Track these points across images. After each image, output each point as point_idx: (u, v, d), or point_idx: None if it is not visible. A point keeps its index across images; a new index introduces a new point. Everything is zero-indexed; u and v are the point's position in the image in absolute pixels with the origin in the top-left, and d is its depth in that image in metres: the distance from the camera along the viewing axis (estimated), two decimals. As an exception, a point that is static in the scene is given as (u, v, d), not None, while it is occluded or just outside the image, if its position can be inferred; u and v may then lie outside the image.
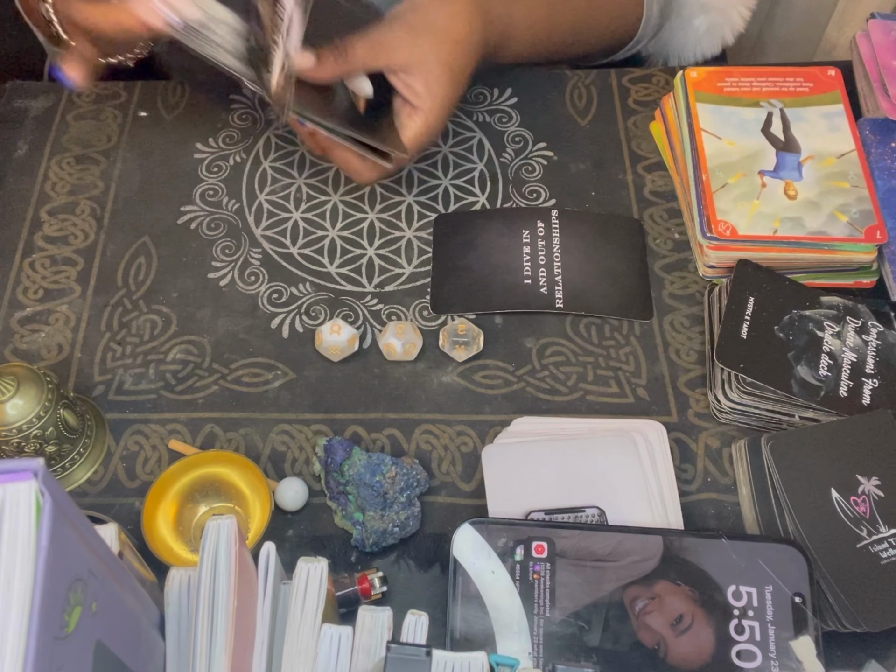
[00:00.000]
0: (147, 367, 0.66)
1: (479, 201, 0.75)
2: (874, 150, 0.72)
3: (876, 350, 0.63)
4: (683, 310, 0.69)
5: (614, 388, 0.65)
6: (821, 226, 0.66)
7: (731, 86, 0.75)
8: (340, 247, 0.73)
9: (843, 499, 0.55)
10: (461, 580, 0.53)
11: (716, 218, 0.67)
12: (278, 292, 0.70)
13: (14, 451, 0.57)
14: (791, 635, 0.51)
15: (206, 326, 0.68)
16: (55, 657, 0.30)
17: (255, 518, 0.58)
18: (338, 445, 0.59)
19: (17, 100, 0.82)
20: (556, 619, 0.52)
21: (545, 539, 0.54)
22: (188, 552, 0.57)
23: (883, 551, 0.53)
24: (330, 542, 0.59)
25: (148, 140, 0.79)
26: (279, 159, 0.78)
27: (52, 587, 0.30)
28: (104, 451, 0.62)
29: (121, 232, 0.73)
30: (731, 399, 0.61)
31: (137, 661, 0.39)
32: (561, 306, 0.68)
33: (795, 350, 0.62)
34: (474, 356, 0.66)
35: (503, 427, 0.62)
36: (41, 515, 0.31)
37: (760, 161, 0.70)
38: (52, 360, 0.67)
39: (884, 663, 0.53)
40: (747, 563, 0.53)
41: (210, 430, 0.63)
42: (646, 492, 0.58)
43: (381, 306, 0.69)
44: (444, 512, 0.60)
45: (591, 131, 0.79)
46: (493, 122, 0.80)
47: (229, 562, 0.41)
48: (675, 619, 0.52)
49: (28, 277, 0.71)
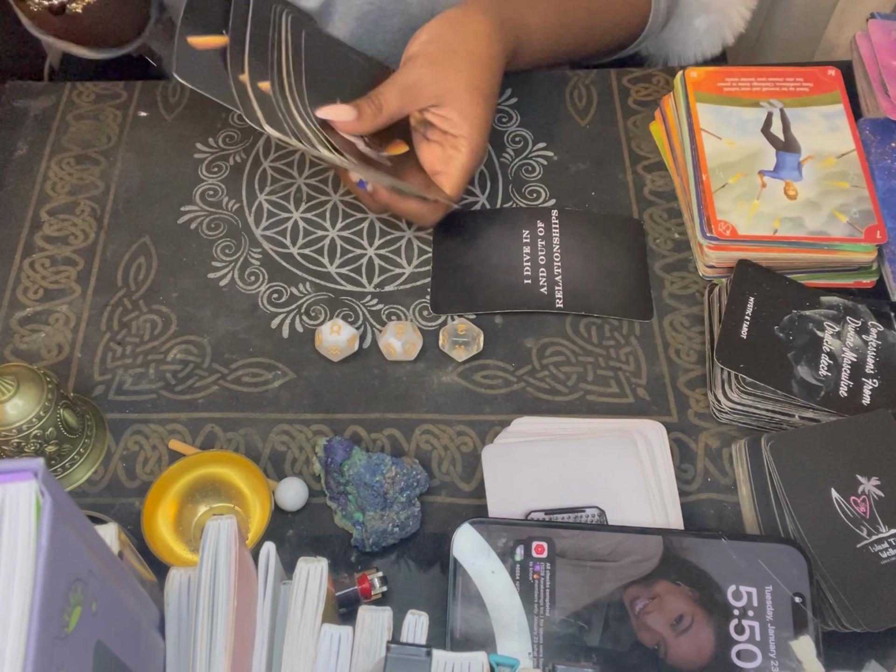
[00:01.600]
0: (147, 367, 0.66)
1: (479, 201, 0.75)
2: (874, 150, 0.72)
3: (876, 350, 0.63)
4: (683, 310, 0.69)
5: (614, 388, 0.65)
6: (821, 226, 0.66)
7: (731, 86, 0.75)
8: (340, 247, 0.73)
9: (843, 499, 0.55)
10: (461, 580, 0.53)
11: (716, 218, 0.67)
12: (278, 292, 0.70)
13: (14, 451, 0.57)
14: (791, 635, 0.51)
15: (206, 326, 0.68)
16: (55, 657, 0.30)
17: (255, 518, 0.58)
18: (338, 445, 0.59)
19: (17, 100, 0.82)
20: (556, 619, 0.52)
21: (545, 539, 0.54)
22: (188, 552, 0.57)
23: (883, 551, 0.53)
24: (330, 542, 0.59)
25: (148, 140, 0.79)
26: (279, 159, 0.78)
27: (52, 587, 0.30)
28: (104, 451, 0.62)
29: (121, 232, 0.73)
30: (731, 399, 0.61)
31: (137, 661, 0.39)
32: (561, 306, 0.68)
33: (795, 350, 0.62)
34: (474, 356, 0.66)
35: (503, 427, 0.62)
36: (41, 515, 0.31)
37: (760, 161, 0.70)
38: (52, 360, 0.67)
39: (884, 663, 0.53)
40: (747, 563, 0.53)
41: (210, 430, 0.63)
42: (646, 492, 0.58)
43: (381, 306, 0.69)
44: (444, 512, 0.60)
45: (591, 131, 0.79)
46: (494, 122, 0.80)
47: (229, 562, 0.41)
48: (675, 619, 0.52)
49: (28, 277, 0.71)
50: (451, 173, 0.66)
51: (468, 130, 0.65)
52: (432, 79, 0.65)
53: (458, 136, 0.66)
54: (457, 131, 0.66)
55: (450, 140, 0.66)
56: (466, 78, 0.65)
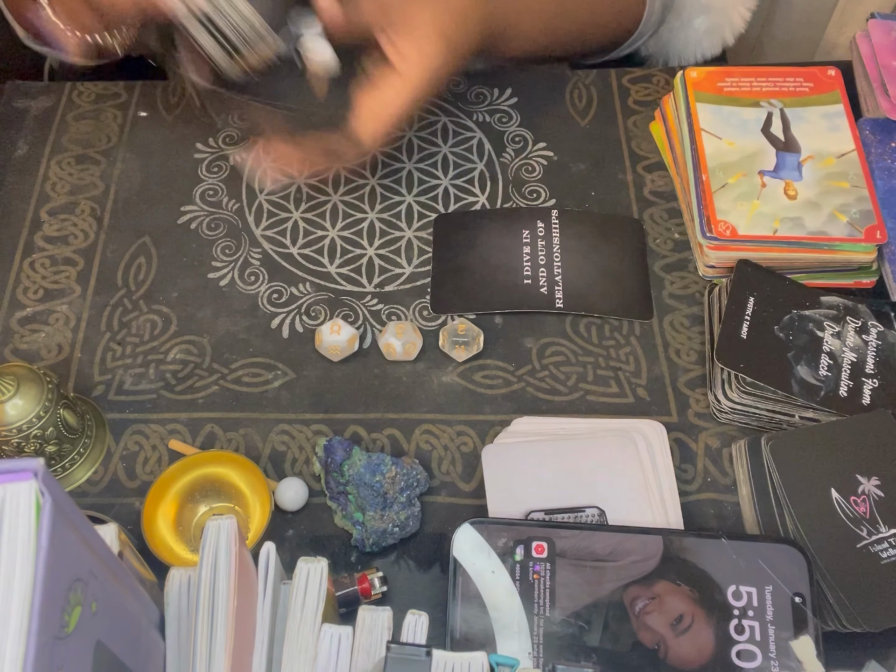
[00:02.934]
0: (147, 367, 0.66)
1: (479, 201, 0.75)
2: (874, 150, 0.72)
3: (876, 350, 0.63)
4: (683, 310, 0.69)
5: (614, 388, 0.65)
6: (821, 226, 0.66)
7: (731, 86, 0.75)
8: (340, 247, 0.73)
9: (843, 499, 0.55)
10: (461, 580, 0.53)
11: (716, 218, 0.67)
12: (278, 292, 0.70)
13: (14, 451, 0.57)
14: (791, 635, 0.51)
15: (206, 326, 0.68)
16: (55, 657, 0.30)
17: (255, 518, 0.58)
18: (338, 445, 0.59)
19: (17, 100, 0.82)
20: (556, 619, 0.52)
21: (545, 539, 0.54)
22: (188, 552, 0.57)
23: (883, 551, 0.53)
24: (330, 542, 0.59)
25: (148, 140, 0.79)
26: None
27: (52, 587, 0.30)
28: (104, 451, 0.62)
29: (121, 232, 0.73)
30: (731, 399, 0.61)
31: (137, 661, 0.39)
32: (561, 306, 0.68)
33: (795, 350, 0.62)
34: (474, 356, 0.66)
35: (503, 427, 0.62)
36: (41, 515, 0.31)
37: (760, 161, 0.70)
38: (52, 360, 0.67)
39: (884, 663, 0.53)
40: (747, 563, 0.53)
41: (210, 430, 0.63)
42: (646, 492, 0.58)
43: (381, 306, 0.69)
44: (444, 512, 0.60)
45: (591, 131, 0.79)
46: (493, 122, 0.80)
47: (229, 562, 0.41)
48: (675, 619, 0.52)
49: (28, 277, 0.71)
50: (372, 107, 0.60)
51: (413, 71, 0.59)
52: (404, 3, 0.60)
53: (403, 73, 0.60)
54: (401, 65, 0.59)
55: (388, 75, 0.60)
56: (437, 20, 0.61)
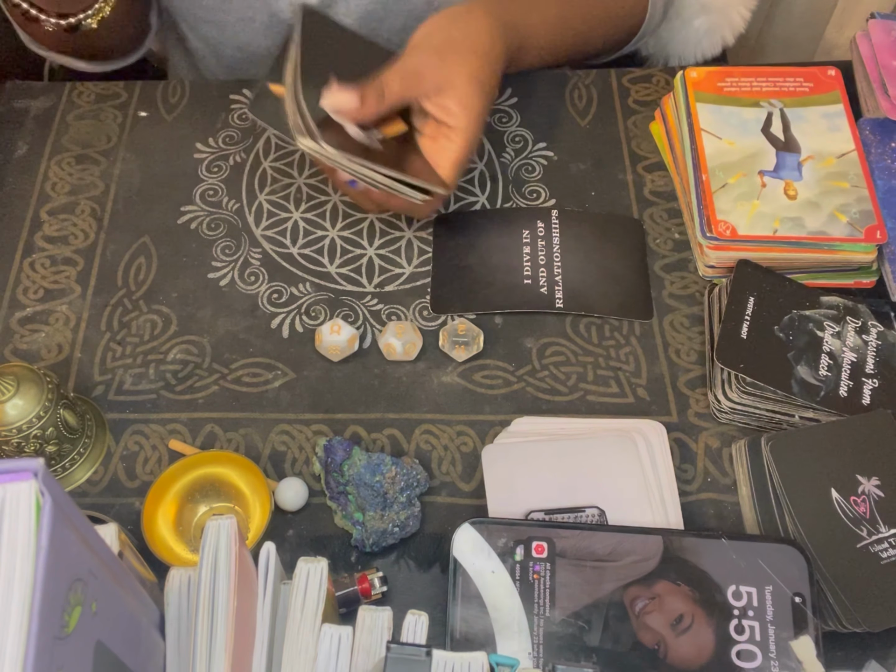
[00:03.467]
0: (147, 367, 0.66)
1: (479, 201, 0.75)
2: (874, 150, 0.72)
3: (876, 350, 0.63)
4: (683, 310, 0.69)
5: (614, 388, 0.65)
6: (821, 226, 0.66)
7: (731, 86, 0.75)
8: (340, 247, 0.72)
9: (843, 499, 0.55)
10: (461, 580, 0.53)
11: (716, 218, 0.67)
12: (278, 292, 0.70)
13: (14, 451, 0.57)
14: (791, 635, 0.51)
15: (206, 326, 0.68)
16: (55, 657, 0.30)
17: (255, 518, 0.58)
18: (338, 445, 0.59)
19: (17, 100, 0.82)
20: (556, 619, 0.52)
21: (545, 539, 0.54)
22: (188, 552, 0.57)
23: (883, 551, 0.53)
24: (330, 542, 0.59)
25: (148, 140, 0.79)
26: (279, 159, 0.78)
27: (52, 587, 0.30)
28: (104, 451, 0.62)
29: (121, 232, 0.73)
30: (731, 399, 0.61)
31: (137, 661, 0.39)
32: (561, 306, 0.68)
33: (795, 350, 0.62)
34: (474, 356, 0.66)
35: (503, 427, 0.62)
36: (41, 515, 0.31)
37: (760, 161, 0.70)
38: (52, 360, 0.67)
39: (884, 663, 0.53)
40: (747, 563, 0.53)
41: (210, 430, 0.63)
42: (646, 492, 0.58)
43: (381, 306, 0.69)
44: (444, 512, 0.60)
45: (591, 131, 0.79)
46: (493, 122, 0.80)
47: (229, 562, 0.41)
48: (675, 619, 0.52)
49: (28, 277, 0.71)
50: (444, 165, 0.66)
51: (465, 121, 0.65)
52: (435, 66, 0.65)
53: (455, 126, 0.65)
54: (453, 122, 0.65)
55: (444, 131, 0.66)
56: (468, 69, 0.65)
